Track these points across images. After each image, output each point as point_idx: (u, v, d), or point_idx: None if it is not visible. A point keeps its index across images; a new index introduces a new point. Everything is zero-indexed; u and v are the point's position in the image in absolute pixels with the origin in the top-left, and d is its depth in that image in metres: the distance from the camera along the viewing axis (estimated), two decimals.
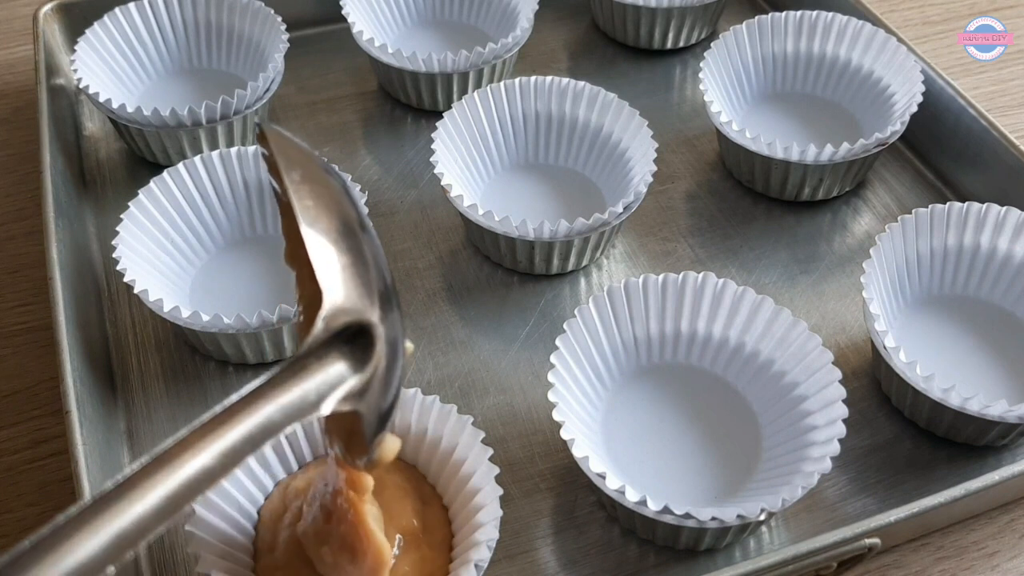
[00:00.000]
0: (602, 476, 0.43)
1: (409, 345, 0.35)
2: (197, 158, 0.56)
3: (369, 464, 0.35)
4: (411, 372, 0.54)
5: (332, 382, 0.31)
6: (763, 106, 0.67)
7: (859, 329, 0.56)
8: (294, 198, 0.33)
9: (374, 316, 0.32)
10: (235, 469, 0.28)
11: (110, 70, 0.66)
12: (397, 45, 0.69)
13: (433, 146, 0.57)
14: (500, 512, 0.41)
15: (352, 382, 0.31)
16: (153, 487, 0.26)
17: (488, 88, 0.61)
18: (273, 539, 0.42)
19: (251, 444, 0.28)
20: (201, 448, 0.27)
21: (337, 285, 0.32)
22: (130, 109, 0.60)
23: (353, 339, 0.32)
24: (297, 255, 0.33)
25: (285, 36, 0.65)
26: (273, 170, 0.34)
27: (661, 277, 0.50)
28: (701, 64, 0.63)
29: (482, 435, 0.44)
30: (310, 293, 0.33)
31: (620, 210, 0.55)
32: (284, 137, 0.35)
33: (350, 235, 0.34)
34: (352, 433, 0.34)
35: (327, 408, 0.30)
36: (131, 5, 0.66)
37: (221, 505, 0.42)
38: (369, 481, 0.39)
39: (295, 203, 0.33)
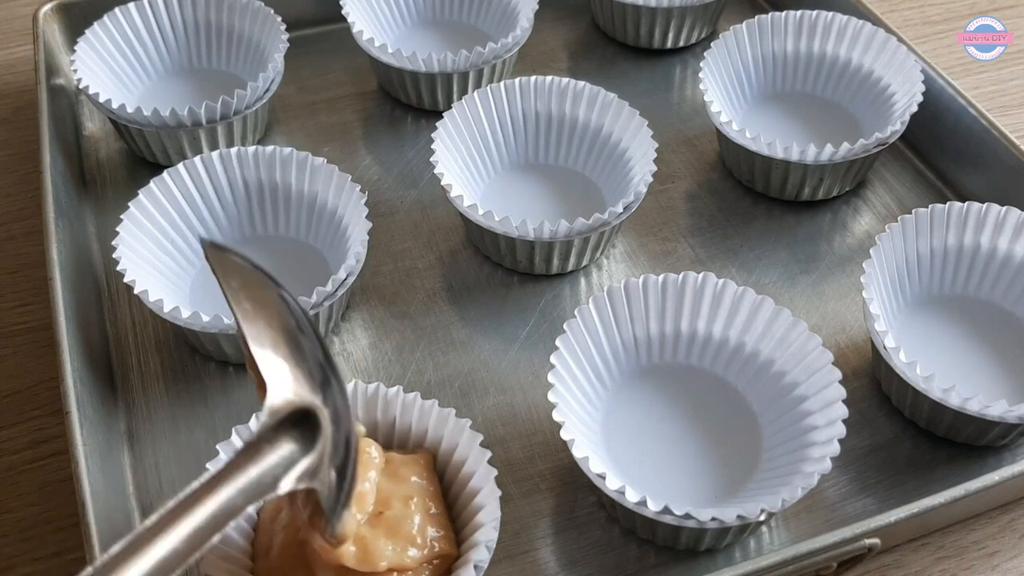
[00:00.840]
0: (602, 476, 0.43)
1: (360, 428, 0.39)
2: (197, 158, 0.56)
3: (334, 538, 0.38)
4: (411, 372, 0.54)
5: (285, 464, 0.34)
6: (763, 106, 0.67)
7: (859, 329, 0.56)
8: (233, 303, 0.35)
9: (317, 400, 0.35)
10: (202, 550, 0.30)
11: (110, 70, 0.65)
12: (397, 45, 0.69)
13: (433, 146, 0.57)
14: (499, 513, 0.41)
15: (305, 462, 0.34)
16: (127, 570, 0.28)
17: (488, 88, 0.61)
18: (269, 542, 0.42)
19: (215, 526, 0.31)
20: (170, 531, 0.30)
21: (280, 376, 0.35)
22: (130, 109, 0.60)
23: (300, 423, 0.35)
24: (251, 358, 0.36)
25: (285, 36, 0.65)
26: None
27: (661, 277, 0.50)
28: (701, 64, 0.63)
29: (480, 437, 0.44)
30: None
31: (620, 210, 0.55)
32: (224, 251, 0.37)
33: (287, 332, 0.36)
34: (316, 509, 0.37)
35: (284, 487, 0.33)
36: (131, 5, 0.66)
37: None
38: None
39: (234, 307, 0.35)
